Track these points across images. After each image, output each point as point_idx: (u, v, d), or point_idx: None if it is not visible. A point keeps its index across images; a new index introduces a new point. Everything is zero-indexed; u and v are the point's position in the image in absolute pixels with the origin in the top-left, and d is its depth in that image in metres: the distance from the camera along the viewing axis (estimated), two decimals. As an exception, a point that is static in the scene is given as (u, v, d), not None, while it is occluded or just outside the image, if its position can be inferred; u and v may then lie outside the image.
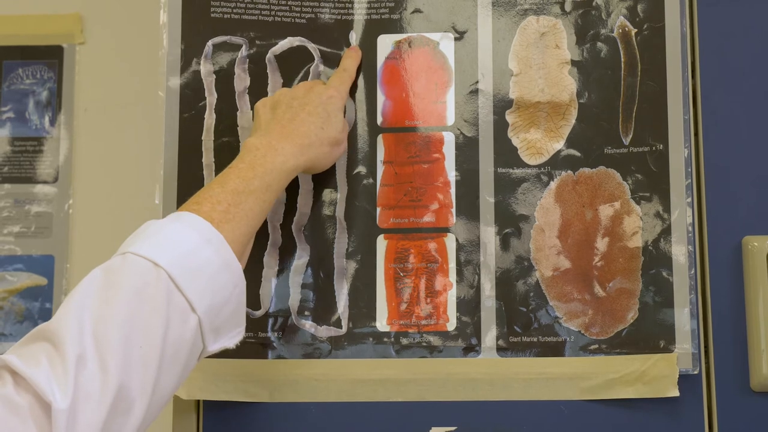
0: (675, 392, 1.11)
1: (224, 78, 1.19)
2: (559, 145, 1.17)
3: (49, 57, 1.53)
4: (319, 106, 1.12)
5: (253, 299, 1.17)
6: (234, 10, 1.20)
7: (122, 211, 1.52)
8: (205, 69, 1.19)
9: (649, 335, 1.13)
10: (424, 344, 1.16)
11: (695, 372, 1.12)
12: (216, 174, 1.18)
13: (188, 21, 1.19)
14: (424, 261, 1.17)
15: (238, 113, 1.19)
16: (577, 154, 1.17)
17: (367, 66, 1.19)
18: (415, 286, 1.17)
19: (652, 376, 1.12)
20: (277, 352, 1.16)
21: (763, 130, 1.16)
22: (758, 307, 1.12)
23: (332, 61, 1.19)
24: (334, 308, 1.16)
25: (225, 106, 1.19)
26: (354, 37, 1.19)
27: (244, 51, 1.20)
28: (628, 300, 1.14)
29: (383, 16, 1.20)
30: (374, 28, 1.19)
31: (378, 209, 1.18)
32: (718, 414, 1.12)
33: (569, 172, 1.17)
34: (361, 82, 1.19)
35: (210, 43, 1.19)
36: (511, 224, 1.16)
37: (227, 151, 1.18)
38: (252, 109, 1.18)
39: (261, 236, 1.17)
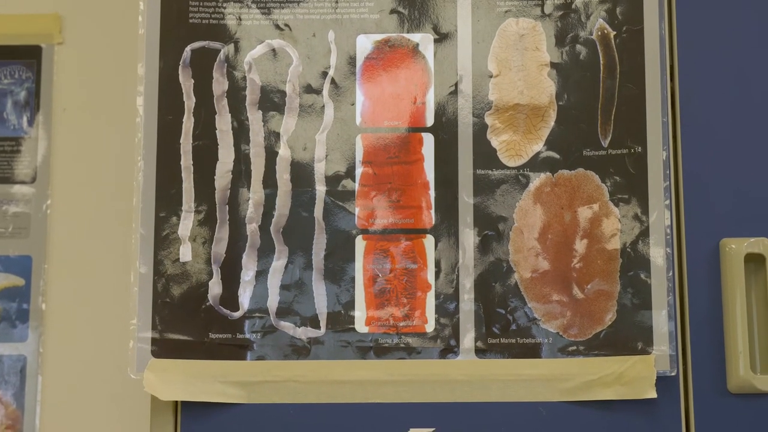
0: (653, 394, 1.11)
1: (202, 82, 1.19)
2: (538, 147, 1.17)
3: (27, 57, 1.53)
4: None
5: (231, 301, 1.17)
6: (212, 16, 1.20)
7: (100, 212, 1.52)
8: (184, 73, 1.19)
9: (626, 337, 1.14)
10: (403, 345, 1.16)
11: (673, 374, 1.12)
12: (194, 176, 1.18)
13: (167, 26, 1.19)
14: (402, 262, 1.17)
15: (216, 117, 1.19)
16: (556, 156, 1.17)
17: (346, 66, 1.19)
18: (394, 287, 1.17)
19: (629, 377, 1.12)
20: (256, 354, 1.16)
21: (741, 133, 1.16)
22: (735, 309, 1.13)
23: (312, 62, 1.19)
24: (313, 309, 1.16)
25: (203, 109, 1.19)
26: (333, 37, 1.19)
27: (222, 55, 1.19)
28: (606, 302, 1.14)
29: (362, 16, 1.20)
30: (353, 28, 1.19)
31: (357, 210, 1.18)
32: (696, 415, 1.13)
33: (548, 173, 1.17)
34: (339, 81, 1.19)
35: (188, 48, 1.19)
36: (489, 226, 1.17)
37: (205, 154, 1.18)
38: (230, 112, 1.18)
39: (239, 238, 1.17)
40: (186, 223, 1.18)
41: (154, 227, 1.18)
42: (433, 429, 1.13)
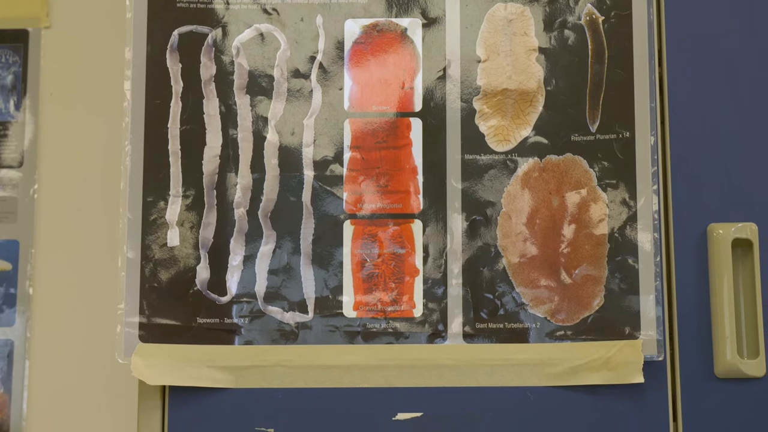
0: (640, 378, 1.12)
1: (190, 66, 1.19)
2: (526, 132, 1.17)
3: (14, 41, 1.52)
4: None
5: (219, 285, 1.16)
6: (200, 0, 1.20)
7: (88, 197, 1.51)
8: (171, 58, 1.19)
9: (614, 322, 1.14)
10: (391, 330, 1.16)
11: (660, 358, 1.13)
12: (182, 161, 1.17)
13: (154, 10, 1.19)
14: (390, 247, 1.17)
15: (204, 101, 1.19)
16: (544, 141, 1.17)
17: (334, 51, 1.19)
18: (382, 272, 1.17)
19: (617, 362, 1.12)
20: (244, 338, 1.16)
21: (728, 119, 1.17)
22: (723, 294, 1.13)
23: (300, 47, 1.19)
24: (301, 294, 1.16)
25: (191, 94, 1.19)
26: (321, 21, 1.19)
27: (210, 39, 1.19)
28: (593, 287, 1.15)
29: (350, 1, 1.19)
30: (341, 13, 1.19)
31: (345, 194, 1.17)
32: (683, 400, 1.13)
33: (536, 159, 1.17)
34: (327, 66, 1.19)
35: (176, 32, 1.19)
36: (477, 211, 1.17)
37: (193, 138, 1.18)
38: (218, 97, 1.18)
39: (227, 222, 1.17)
40: (174, 208, 1.18)
41: (142, 212, 1.18)
42: (421, 413, 1.14)
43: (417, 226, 1.17)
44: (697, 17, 1.17)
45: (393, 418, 1.13)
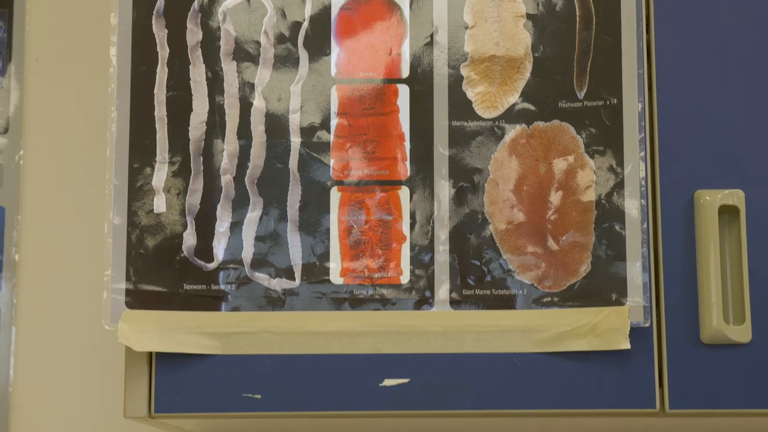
0: (626, 345, 1.12)
1: (176, 32, 1.18)
2: (514, 98, 1.17)
3: (-1, 6, 1.51)
4: None
5: (206, 252, 1.16)
6: (187, -36, 1.19)
7: (74, 163, 1.51)
8: (157, 23, 1.18)
9: (601, 288, 1.14)
10: (378, 297, 1.16)
11: (646, 325, 1.13)
12: (168, 127, 1.17)
13: None
14: (377, 214, 1.17)
15: (190, 67, 1.18)
16: (532, 107, 1.17)
17: (320, 16, 1.18)
18: (369, 239, 1.17)
19: (603, 328, 1.12)
20: (230, 305, 1.16)
21: (716, 85, 1.17)
22: (709, 261, 1.13)
23: (287, 13, 1.18)
24: (288, 261, 1.16)
25: (177, 60, 1.18)
26: (308, -14, 1.19)
27: (196, 5, 1.18)
28: (580, 253, 1.15)
29: (337, -34, 1.19)
30: (329, -21, 1.19)
31: (331, 161, 1.17)
32: (669, 366, 1.13)
33: (523, 125, 1.17)
34: (314, 32, 1.18)
35: None
36: (465, 178, 1.16)
37: (179, 104, 1.17)
38: (205, 63, 1.17)
39: (214, 189, 1.17)
40: (160, 174, 1.17)
41: (128, 178, 1.17)
42: (408, 379, 1.14)
43: (404, 192, 1.17)
44: (685, -17, 1.17)
45: (380, 384, 1.14)
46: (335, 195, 1.17)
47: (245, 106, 1.18)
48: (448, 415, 1.14)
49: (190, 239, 1.17)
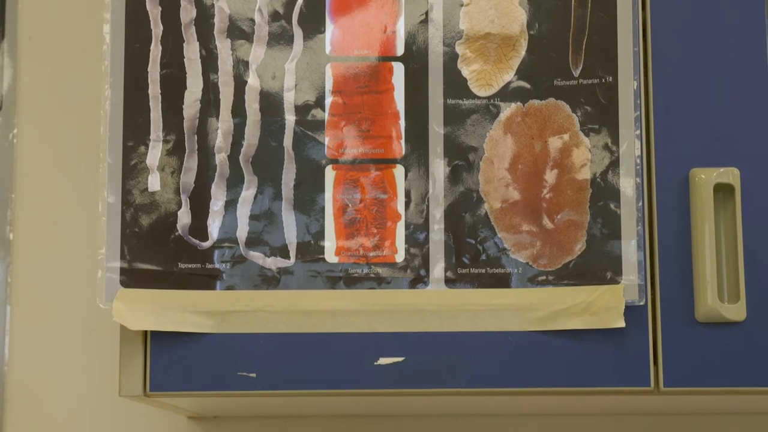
0: (621, 323, 1.12)
1: (170, 10, 1.18)
2: (509, 76, 1.17)
3: (-9, -16, 1.51)
4: None
5: (200, 230, 1.16)
6: (180, -60, 1.18)
7: (67, 142, 1.50)
8: (151, 1, 1.18)
9: (596, 267, 1.14)
10: (373, 276, 1.16)
11: (641, 303, 1.13)
12: (162, 105, 1.17)
13: None
14: (372, 192, 1.17)
15: (184, 45, 1.18)
16: (527, 85, 1.17)
17: (315, -6, 1.18)
18: (364, 217, 1.16)
19: (598, 307, 1.13)
20: (225, 283, 1.16)
21: (712, 63, 1.16)
22: (704, 239, 1.13)
23: (281, -10, 1.18)
24: (282, 239, 1.16)
25: (171, 37, 1.18)
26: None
27: (191, -19, 1.18)
28: (575, 232, 1.15)
29: (332, -57, 1.18)
30: (323, -44, 1.18)
31: (326, 139, 1.17)
32: (663, 344, 1.13)
33: (519, 103, 1.17)
34: (309, 9, 1.18)
35: None
36: (460, 156, 1.16)
37: (173, 82, 1.17)
38: (199, 41, 1.17)
39: (208, 167, 1.16)
40: (154, 153, 1.17)
41: (122, 157, 1.17)
42: (403, 358, 1.14)
43: (399, 171, 1.17)
44: (681, -39, 1.17)
45: (375, 363, 1.14)
46: (330, 173, 1.17)
47: (239, 84, 1.17)
48: (443, 393, 1.15)
49: (184, 218, 1.16)
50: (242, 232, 1.16)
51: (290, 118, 1.17)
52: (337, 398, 1.19)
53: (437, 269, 1.15)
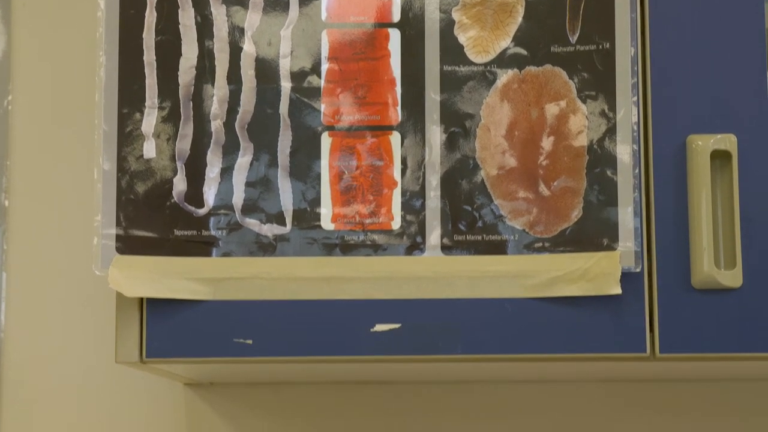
0: (617, 290, 1.12)
1: None
2: (506, 43, 1.17)
3: (-15, -50, 1.50)
4: None
5: (196, 198, 1.16)
6: None
7: (63, 108, 1.50)
8: (146, -34, 1.18)
9: (592, 234, 1.14)
10: (369, 243, 1.16)
11: (637, 270, 1.13)
12: (157, 72, 1.16)
13: None
14: (368, 159, 1.16)
15: (179, 11, 1.17)
16: (524, 52, 1.16)
17: (311, -40, 1.17)
18: (360, 184, 1.16)
19: (594, 273, 1.13)
20: (221, 250, 1.16)
21: (709, 30, 1.16)
22: (701, 206, 1.13)
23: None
24: (278, 206, 1.16)
25: (166, 3, 1.17)
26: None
27: (185, -53, 1.18)
28: (572, 199, 1.15)
29: None
30: None
31: (322, 106, 1.17)
32: (659, 311, 1.14)
33: (515, 70, 1.16)
34: (305, -24, 1.17)
35: None
36: (456, 123, 1.16)
37: (168, 49, 1.17)
38: (194, 7, 1.16)
39: (204, 134, 1.16)
40: (149, 120, 1.17)
41: (117, 123, 1.17)
42: (399, 325, 1.14)
43: (395, 138, 1.16)
44: (679, -74, 1.16)
45: (371, 330, 1.14)
46: (326, 140, 1.17)
47: (235, 50, 1.17)
48: (439, 360, 1.15)
49: (180, 185, 1.16)
50: (238, 199, 1.16)
51: (286, 85, 1.17)
52: (333, 365, 1.19)
53: (433, 236, 1.15)
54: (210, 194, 1.16)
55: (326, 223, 1.16)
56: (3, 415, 1.47)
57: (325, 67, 1.17)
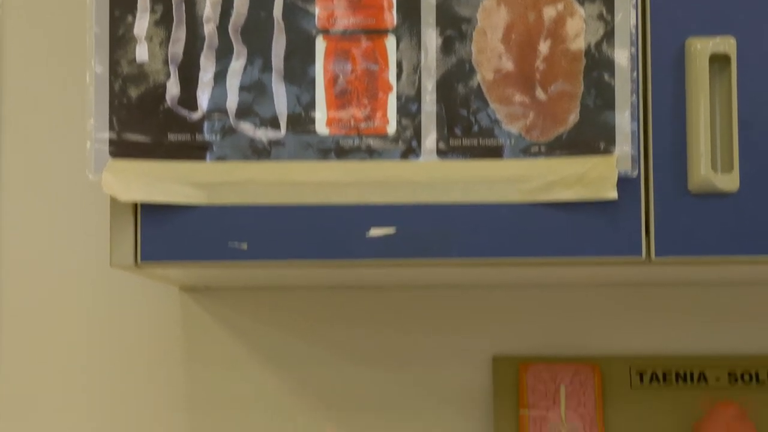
0: (613, 194, 1.12)
1: None
2: (503, -56, 1.15)
3: None
4: None
5: (190, 101, 1.15)
6: None
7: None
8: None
9: (589, 138, 1.14)
10: (364, 147, 1.15)
11: (634, 174, 1.13)
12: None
13: None
14: (363, 63, 1.15)
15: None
16: (521, -47, 1.15)
17: None
18: (355, 88, 1.16)
19: (591, 178, 1.12)
20: (216, 155, 1.15)
21: (709, -70, 1.15)
22: (699, 110, 1.13)
23: None
24: (273, 110, 1.15)
25: None
26: None
27: None
28: (569, 103, 1.14)
29: None
30: None
31: (317, 10, 1.15)
32: (655, 215, 1.14)
33: (513, -28, 1.15)
34: None
35: None
36: (453, 26, 1.15)
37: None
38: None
39: (197, 38, 1.15)
40: (142, 23, 1.16)
41: (109, 27, 1.16)
42: (394, 229, 1.14)
43: (390, 41, 1.15)
44: None
45: (366, 234, 1.14)
46: (321, 44, 1.16)
47: (228, -48, 1.16)
48: (434, 264, 1.15)
49: (173, 89, 1.15)
50: (232, 103, 1.16)
51: (280, -13, 1.16)
52: (328, 269, 1.19)
53: (429, 140, 1.15)
54: (203, 98, 1.16)
55: (321, 127, 1.15)
56: (2, 324, 1.48)
57: (319, -32, 1.16)
